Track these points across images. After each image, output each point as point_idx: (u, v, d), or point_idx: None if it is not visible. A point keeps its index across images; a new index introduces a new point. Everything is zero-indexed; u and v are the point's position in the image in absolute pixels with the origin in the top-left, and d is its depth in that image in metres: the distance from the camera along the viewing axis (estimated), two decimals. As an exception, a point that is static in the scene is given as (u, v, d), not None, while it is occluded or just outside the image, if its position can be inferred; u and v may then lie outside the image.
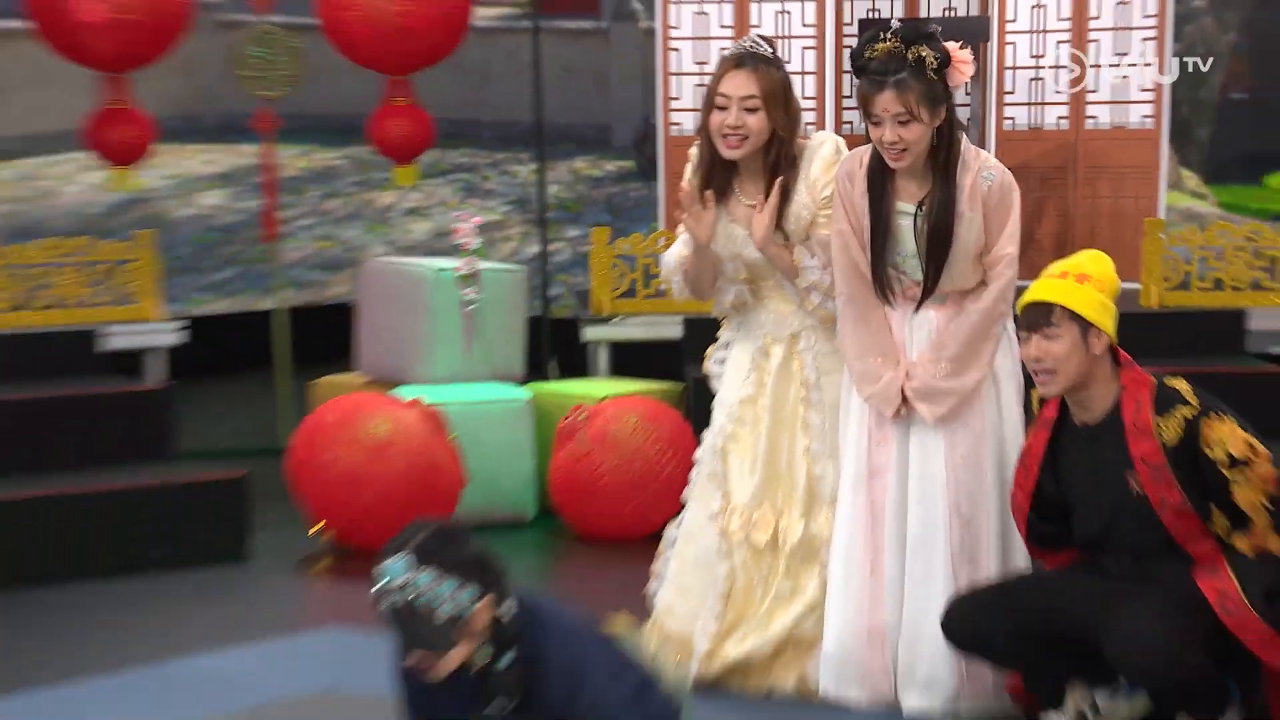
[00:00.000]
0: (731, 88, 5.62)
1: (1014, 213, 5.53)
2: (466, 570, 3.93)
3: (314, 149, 11.96)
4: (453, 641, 3.93)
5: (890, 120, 5.35)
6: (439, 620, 3.90)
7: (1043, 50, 9.20)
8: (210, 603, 6.98)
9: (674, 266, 5.90)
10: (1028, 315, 5.12)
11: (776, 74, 5.66)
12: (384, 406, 7.61)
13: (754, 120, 5.61)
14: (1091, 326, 5.08)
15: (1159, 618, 4.95)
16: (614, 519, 7.65)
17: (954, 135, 5.47)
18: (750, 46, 5.68)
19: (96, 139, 9.02)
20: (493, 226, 11.28)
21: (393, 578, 3.88)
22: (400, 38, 8.82)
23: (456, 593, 3.90)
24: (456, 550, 3.96)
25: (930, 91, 5.35)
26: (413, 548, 3.92)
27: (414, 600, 3.89)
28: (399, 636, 3.96)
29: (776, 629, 5.77)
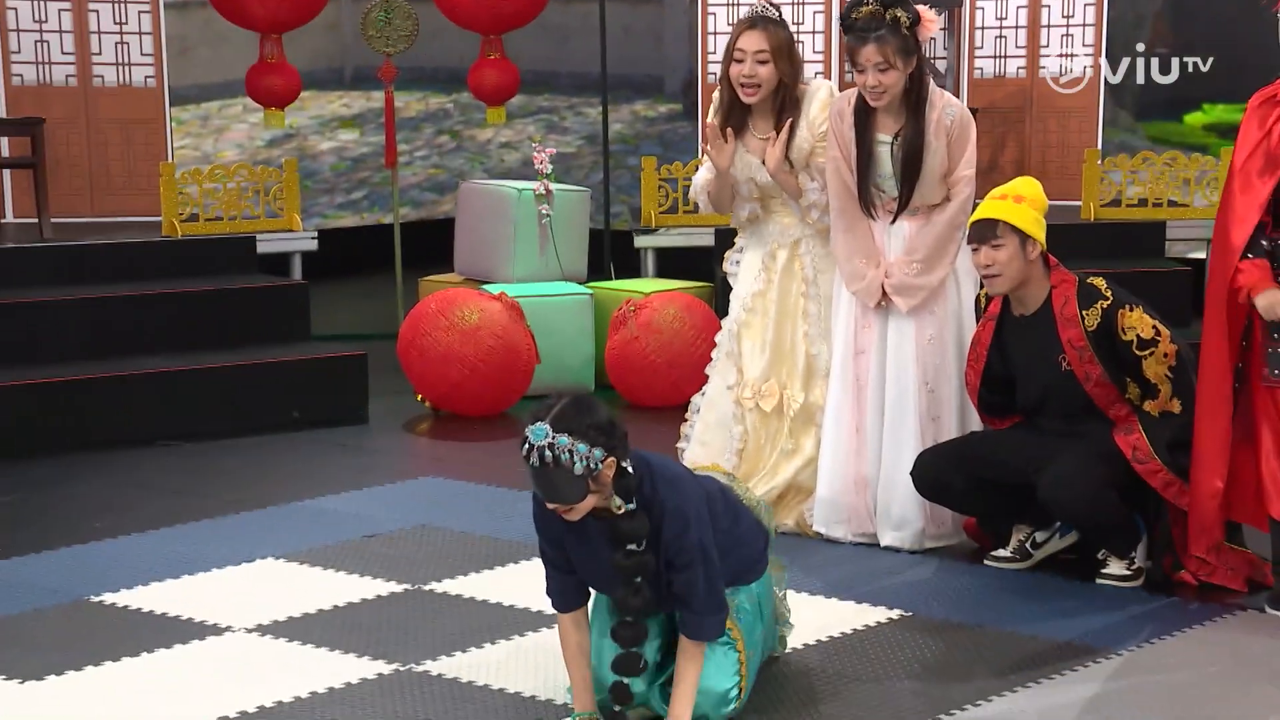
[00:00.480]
0: (747, 44, 5.52)
1: (971, 142, 5.44)
2: (595, 434, 3.76)
3: (428, 95, 11.83)
4: (584, 493, 3.77)
5: (872, 68, 5.28)
6: (573, 475, 3.74)
7: (1005, 13, 9.06)
8: (334, 455, 6.94)
9: (700, 188, 5.83)
10: (976, 230, 5.11)
11: (783, 32, 5.57)
12: (474, 299, 7.51)
13: (765, 70, 5.52)
14: (1028, 237, 5.06)
15: (1082, 465, 4.94)
16: (656, 390, 7.56)
17: (923, 80, 5.39)
18: (761, 10, 5.59)
19: (255, 86, 8.97)
20: (569, 157, 11.16)
21: (537, 439, 3.73)
22: (493, 4, 8.70)
23: (588, 453, 3.74)
24: (588, 417, 3.78)
25: (904, 45, 5.28)
26: (553, 415, 3.76)
27: (553, 459, 3.72)
28: (539, 487, 3.82)
29: (780, 479, 5.70)
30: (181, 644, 4.64)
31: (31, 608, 4.94)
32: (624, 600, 3.86)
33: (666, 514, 3.86)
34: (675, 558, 3.86)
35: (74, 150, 8.81)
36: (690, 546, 3.86)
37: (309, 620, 4.82)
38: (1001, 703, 4.19)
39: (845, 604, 4.92)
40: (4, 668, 4.44)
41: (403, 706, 4.18)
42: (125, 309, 7.52)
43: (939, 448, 5.30)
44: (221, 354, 7.47)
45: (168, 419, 7.14)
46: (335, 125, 11.65)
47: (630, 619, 3.88)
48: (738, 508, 4.20)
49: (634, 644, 3.89)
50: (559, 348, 7.73)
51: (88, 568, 5.33)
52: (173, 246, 8.14)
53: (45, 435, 6.89)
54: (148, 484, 6.44)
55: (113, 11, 8.83)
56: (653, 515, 3.86)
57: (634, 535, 3.82)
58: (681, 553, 3.86)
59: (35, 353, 7.21)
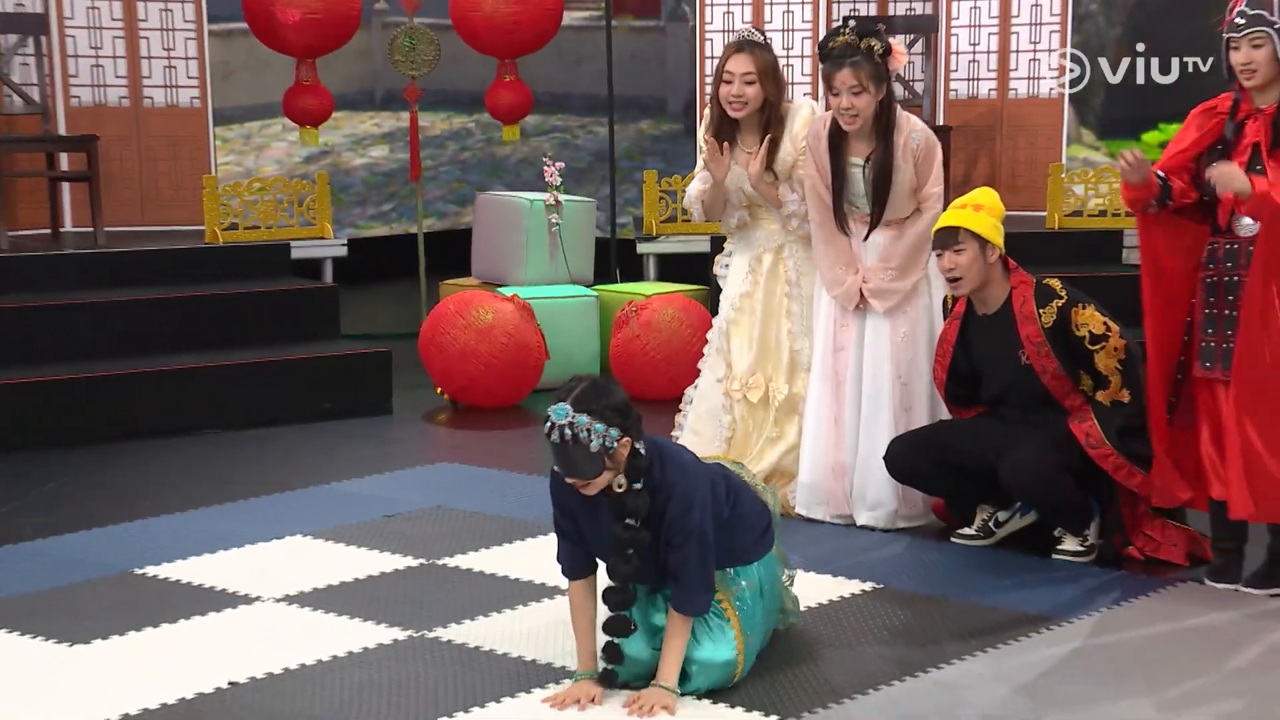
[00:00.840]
0: (735, 66, 5.54)
1: (937, 162, 5.45)
2: (612, 415, 3.78)
3: (452, 115, 11.81)
4: (600, 469, 3.79)
5: (846, 91, 5.29)
6: (590, 452, 3.75)
7: (978, 40, 9.04)
8: (360, 442, 6.96)
9: (694, 197, 5.83)
10: (940, 237, 5.12)
11: (768, 55, 5.58)
12: (489, 300, 7.53)
13: (751, 91, 5.53)
14: (987, 243, 5.07)
15: (1039, 450, 4.96)
16: (655, 385, 7.56)
17: (892, 107, 5.39)
18: (748, 35, 5.60)
19: (291, 106, 8.98)
20: (580, 172, 11.16)
21: (558, 418, 3.75)
22: (509, 31, 8.72)
23: (604, 432, 3.75)
24: (606, 399, 3.80)
25: (876, 71, 5.28)
26: (574, 397, 3.78)
27: (572, 437, 3.74)
28: (558, 463, 3.84)
29: (766, 464, 5.72)
30: (216, 612, 4.67)
31: (82, 579, 4.98)
32: (613, 567, 3.88)
33: (673, 496, 3.87)
34: (674, 537, 3.88)
35: (126, 165, 8.86)
36: (690, 528, 3.87)
37: (332, 591, 4.84)
38: (961, 665, 4.20)
39: (822, 577, 4.94)
40: (54, 633, 4.48)
41: (415, 669, 4.20)
42: (170, 309, 7.56)
43: (909, 435, 5.32)
44: (257, 350, 7.51)
45: (207, 410, 7.17)
46: (367, 143, 11.66)
47: (618, 585, 3.91)
48: (740, 490, 4.19)
49: (622, 608, 3.92)
50: (567, 345, 7.75)
51: (132, 544, 5.37)
52: (214, 253, 8.17)
53: (95, 424, 6.93)
54: (188, 469, 6.47)
55: (161, 38, 8.87)
56: (659, 496, 3.87)
57: (635, 511, 3.84)
58: (681, 533, 3.88)
59: (88, 349, 7.25)
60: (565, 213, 8.10)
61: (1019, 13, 8.89)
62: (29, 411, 6.81)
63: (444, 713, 3.92)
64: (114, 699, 3.99)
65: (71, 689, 4.09)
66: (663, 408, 6.99)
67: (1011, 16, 8.92)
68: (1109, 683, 4.06)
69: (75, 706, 3.95)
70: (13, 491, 6.08)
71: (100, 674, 4.20)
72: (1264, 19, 4.67)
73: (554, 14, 8.84)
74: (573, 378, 3.90)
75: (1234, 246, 4.75)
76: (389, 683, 4.12)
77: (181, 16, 8.89)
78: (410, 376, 7.83)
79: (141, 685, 4.08)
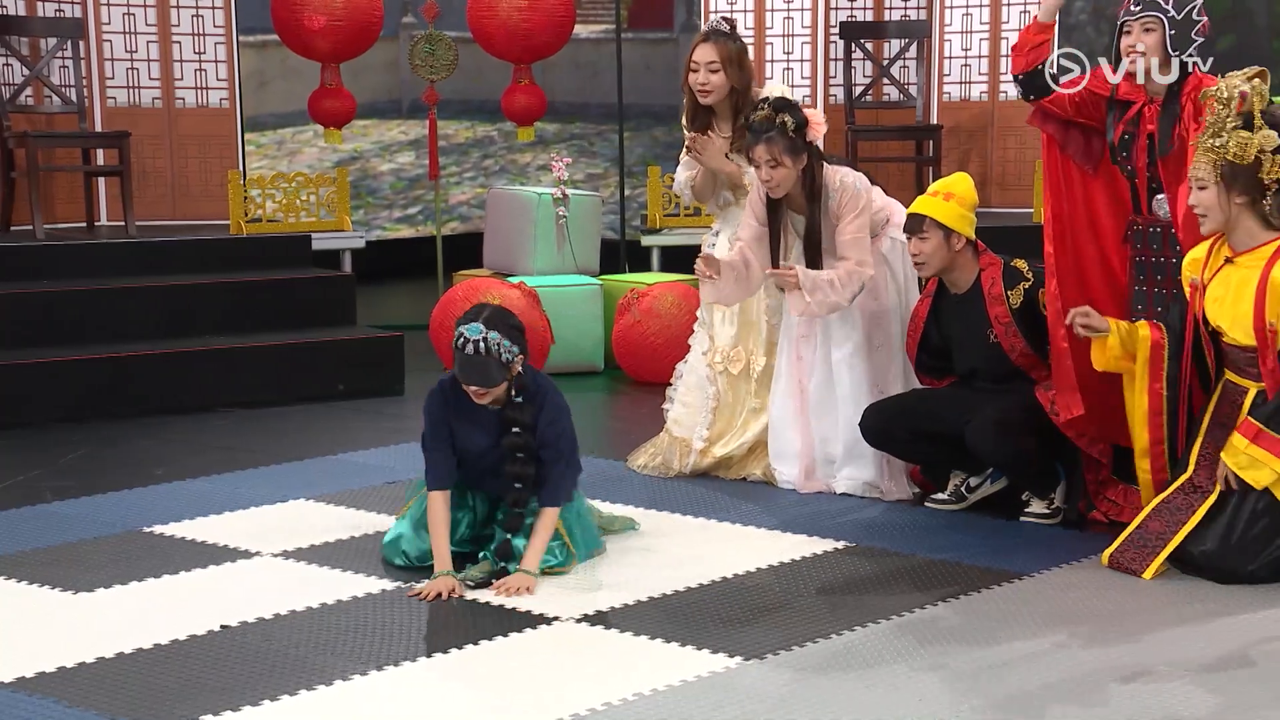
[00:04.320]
0: (700, 56, 5.54)
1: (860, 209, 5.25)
2: (514, 334, 4.29)
3: (475, 124, 11.84)
4: (502, 379, 4.30)
5: (764, 164, 5.20)
6: (499, 363, 4.25)
7: (970, 45, 9.01)
8: (371, 421, 6.95)
9: (684, 183, 5.84)
10: (908, 223, 5.13)
11: (732, 45, 5.55)
12: (496, 287, 7.51)
13: (716, 78, 5.53)
14: (952, 231, 5.01)
15: (1003, 415, 4.91)
16: (655, 368, 7.49)
17: (815, 173, 5.25)
18: (715, 25, 5.57)
19: (316, 108, 8.97)
20: (596, 176, 11.17)
21: (473, 334, 4.23)
22: (523, 36, 8.72)
23: (511, 347, 4.26)
24: (509, 320, 4.33)
25: (792, 145, 5.16)
26: (484, 318, 4.28)
27: (485, 350, 4.23)
28: (468, 374, 4.28)
29: (749, 436, 5.68)
30: (215, 565, 4.66)
31: (90, 536, 4.98)
32: (510, 470, 4.36)
33: (545, 406, 4.39)
34: (547, 438, 4.38)
35: (159, 163, 8.89)
36: (561, 430, 4.40)
37: (328, 548, 4.83)
38: (925, 612, 4.17)
39: (798, 537, 4.91)
40: (60, 582, 4.48)
41: (396, 615, 4.19)
42: (196, 295, 7.56)
43: (884, 403, 5.27)
44: (277, 334, 7.50)
45: (228, 389, 7.16)
46: (394, 149, 11.70)
47: (518, 485, 4.37)
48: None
49: (519, 506, 4.40)
50: (571, 331, 7.73)
51: (140, 506, 5.36)
52: (239, 244, 8.20)
53: (122, 402, 6.94)
54: (204, 442, 6.47)
55: (193, 43, 8.90)
56: (533, 406, 4.36)
57: (520, 421, 4.34)
58: (554, 433, 4.39)
59: (120, 331, 7.26)
60: (572, 206, 8.08)
61: (1009, 19, 8.85)
62: (65, 388, 6.84)
63: (426, 653, 3.91)
64: (111, 639, 3.99)
65: (71, 631, 4.09)
66: (663, 391, 6.94)
67: (1002, 22, 8.89)
68: (1064, 630, 4.02)
69: (74, 646, 3.94)
70: (42, 459, 6.10)
71: (100, 618, 4.20)
72: (1157, 4, 4.64)
73: (566, 20, 8.84)
74: (475, 305, 4.40)
75: (1157, 230, 4.72)
76: (374, 626, 4.10)
77: (212, 22, 8.92)
78: (424, 362, 7.81)
79: (138, 628, 4.08)
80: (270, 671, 3.78)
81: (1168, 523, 4.43)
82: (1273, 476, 4.31)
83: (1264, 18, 9.06)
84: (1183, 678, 3.69)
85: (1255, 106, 4.31)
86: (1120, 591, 4.33)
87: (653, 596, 4.32)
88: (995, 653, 3.87)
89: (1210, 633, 4.00)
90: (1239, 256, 4.40)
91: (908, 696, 3.58)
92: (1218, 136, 4.32)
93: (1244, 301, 4.35)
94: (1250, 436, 4.31)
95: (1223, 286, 4.42)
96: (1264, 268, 4.32)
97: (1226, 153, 4.30)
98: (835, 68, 9.04)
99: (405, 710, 3.59)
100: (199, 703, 3.58)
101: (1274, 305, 4.29)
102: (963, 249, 5.03)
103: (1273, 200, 4.32)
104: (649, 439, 5.97)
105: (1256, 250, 4.36)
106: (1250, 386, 4.43)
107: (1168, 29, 4.61)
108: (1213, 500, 4.40)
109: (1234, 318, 4.38)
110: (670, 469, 5.74)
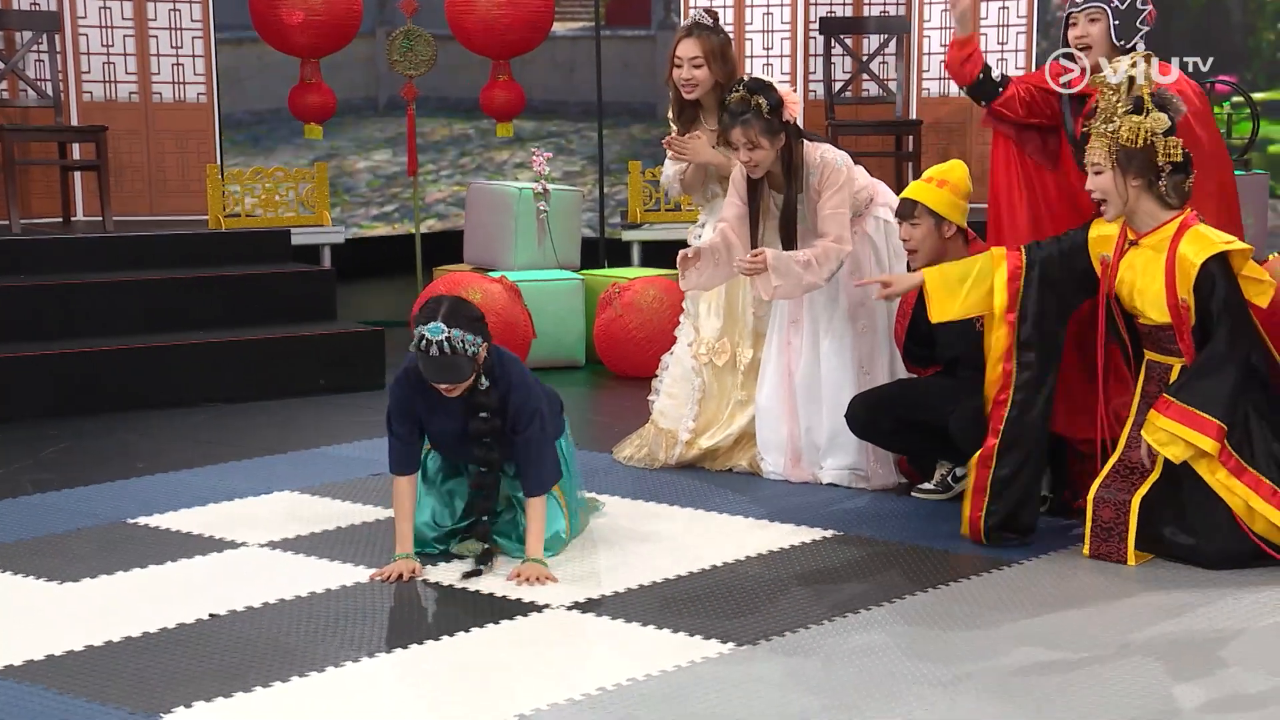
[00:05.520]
0: (683, 51, 5.55)
1: (840, 185, 5.27)
2: (474, 326, 4.22)
3: (452, 121, 11.84)
4: (471, 373, 4.23)
5: (743, 146, 5.20)
6: (466, 359, 4.18)
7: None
8: (353, 414, 6.91)
9: (673, 176, 5.83)
10: (901, 207, 5.14)
11: (715, 38, 5.55)
12: (478, 281, 7.51)
13: (700, 73, 5.54)
14: (944, 219, 5.03)
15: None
16: (637, 362, 7.53)
17: (793, 152, 5.25)
18: (698, 19, 5.57)
19: (296, 104, 8.95)
20: (574, 174, 11.17)
21: (435, 335, 4.14)
22: (500, 32, 8.71)
23: (474, 340, 4.19)
24: (467, 313, 4.24)
25: (768, 126, 5.17)
26: (443, 315, 4.18)
27: (450, 349, 4.15)
28: (433, 374, 4.22)
29: (735, 427, 5.69)
30: (201, 555, 4.65)
31: (74, 528, 4.96)
32: (478, 455, 4.32)
33: (514, 387, 4.33)
34: (520, 422, 4.32)
35: (135, 158, 8.84)
36: (533, 410, 4.33)
37: (315, 538, 4.82)
38: (915, 599, 4.18)
39: (785, 526, 4.92)
40: (46, 573, 4.46)
41: (384, 601, 4.20)
42: (175, 290, 7.51)
43: (870, 393, 5.28)
44: (258, 329, 7.46)
45: (209, 384, 7.13)
46: (370, 147, 11.68)
47: (485, 470, 4.36)
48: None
49: (484, 488, 4.40)
50: (553, 325, 7.72)
51: (125, 497, 5.34)
52: (218, 238, 8.15)
53: (102, 396, 6.90)
54: (187, 436, 6.45)
55: (170, 38, 8.86)
56: (501, 387, 4.30)
57: (486, 406, 4.28)
58: (526, 416, 4.32)
59: (98, 326, 7.22)
60: (553, 201, 8.07)
61: (987, 15, 8.88)
62: (43, 383, 6.81)
63: (417, 639, 3.90)
64: (100, 628, 3.98)
65: (59, 620, 4.07)
66: (644, 385, 6.95)
67: (980, 18, 8.91)
68: (1054, 616, 4.05)
69: (63, 635, 3.92)
70: (21, 453, 6.06)
71: (87, 607, 4.18)
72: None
73: (544, 17, 8.84)
74: (429, 300, 4.27)
75: None
76: (364, 613, 4.10)
77: (189, 16, 8.88)
78: (403, 358, 7.77)
79: (126, 616, 4.07)
80: (261, 658, 3.77)
81: (1116, 508, 4.48)
82: (1188, 450, 4.36)
83: (1239, 15, 9.12)
84: (1171, 662, 3.71)
85: (1143, 91, 4.42)
86: (1106, 578, 4.36)
87: (643, 584, 4.33)
88: (987, 638, 3.88)
89: (1194, 617, 4.03)
90: (1143, 238, 4.50)
91: (903, 681, 3.59)
92: (1109, 122, 4.44)
93: (1155, 282, 4.45)
94: (1162, 410, 4.39)
95: (1130, 270, 4.52)
96: (1169, 247, 4.42)
97: (1119, 137, 4.41)
98: (815, 63, 9.07)
99: (398, 696, 3.59)
100: (191, 689, 3.57)
101: (1184, 282, 4.39)
102: (953, 236, 5.05)
103: (1168, 181, 4.44)
104: (633, 432, 5.97)
105: (1159, 230, 4.47)
106: (1174, 363, 4.51)
107: (1111, 19, 4.77)
108: (1156, 476, 4.44)
109: (1148, 299, 4.47)
110: (656, 460, 5.74)
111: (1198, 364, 4.39)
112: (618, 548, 4.69)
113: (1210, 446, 4.32)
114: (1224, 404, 4.33)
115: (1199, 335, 4.43)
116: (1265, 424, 4.44)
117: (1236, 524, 4.36)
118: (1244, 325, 4.43)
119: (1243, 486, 4.36)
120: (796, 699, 3.50)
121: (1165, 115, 4.41)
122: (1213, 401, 4.33)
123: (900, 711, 3.43)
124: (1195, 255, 4.38)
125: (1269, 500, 4.35)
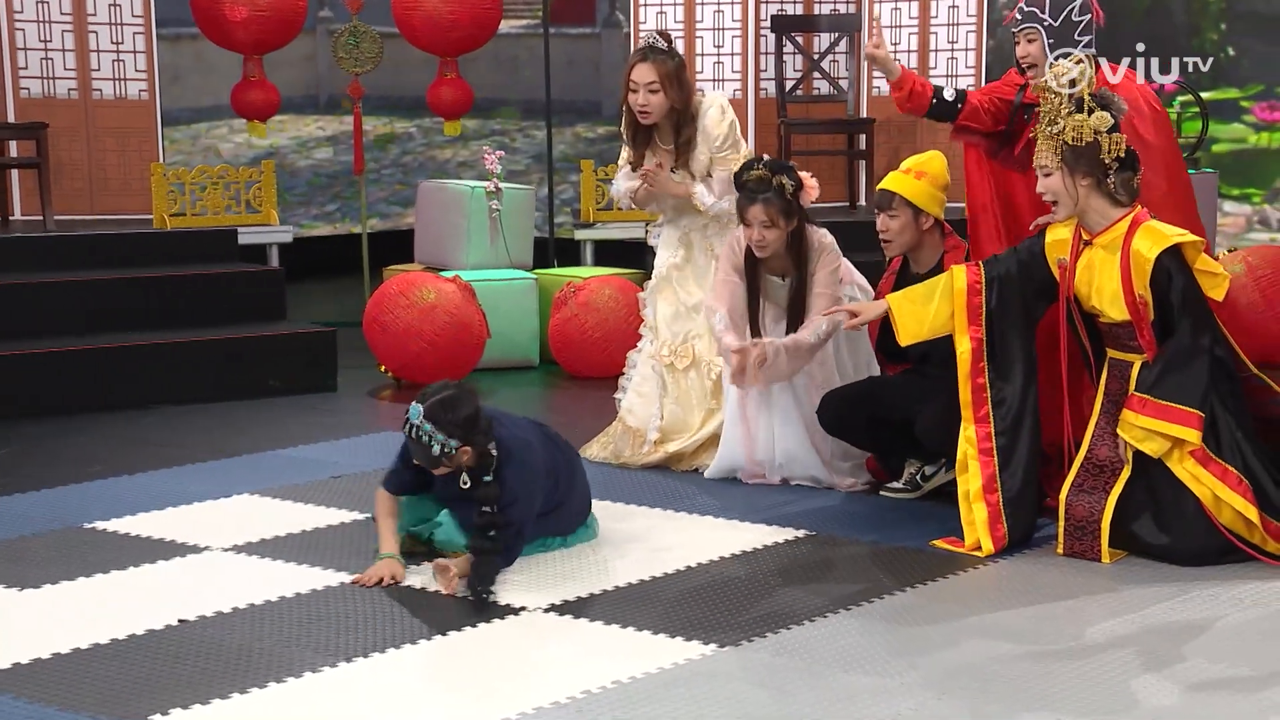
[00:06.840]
0: (639, 76, 5.50)
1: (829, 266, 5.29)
2: (454, 429, 4.20)
3: (394, 120, 11.78)
4: (439, 465, 4.27)
5: (758, 224, 5.20)
6: (433, 453, 4.22)
7: (899, 39, 9.07)
8: (307, 416, 6.85)
9: (624, 192, 5.76)
10: (879, 197, 5.13)
11: (670, 62, 5.51)
12: (431, 281, 7.44)
13: (655, 99, 5.49)
14: (921, 210, 5.03)
15: (953, 404, 4.79)
16: (593, 362, 7.51)
17: (804, 236, 5.27)
18: (651, 42, 5.54)
19: (239, 101, 8.83)
20: (518, 174, 11.11)
21: (412, 418, 4.22)
22: (447, 29, 8.65)
23: (444, 441, 4.19)
24: (453, 414, 4.21)
25: (787, 207, 5.19)
26: (428, 405, 4.22)
27: (420, 438, 4.21)
28: (412, 451, 4.32)
29: (704, 432, 5.67)
30: (165, 560, 4.58)
31: (30, 532, 4.87)
32: (474, 545, 4.24)
33: (516, 501, 4.29)
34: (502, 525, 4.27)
35: (75, 156, 8.70)
36: (518, 523, 4.30)
37: (279, 541, 4.76)
38: (894, 598, 4.19)
39: (759, 526, 4.91)
40: (5, 579, 4.37)
41: (358, 607, 4.15)
42: (120, 290, 7.41)
43: (841, 390, 5.28)
44: (206, 330, 7.36)
45: (156, 386, 7.02)
46: (311, 145, 11.58)
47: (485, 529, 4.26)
48: (577, 478, 4.66)
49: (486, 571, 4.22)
50: (507, 325, 7.67)
51: (80, 502, 5.25)
52: (163, 238, 8.04)
53: (47, 399, 6.79)
54: (138, 439, 6.35)
55: (110, 33, 8.73)
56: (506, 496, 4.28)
57: (487, 499, 4.25)
58: (509, 529, 4.28)
59: (39, 327, 7.10)
60: (505, 199, 8.02)
61: (937, 13, 8.93)
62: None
63: (395, 644, 3.86)
64: (68, 635, 3.91)
65: (25, 628, 4.00)
66: (600, 385, 6.96)
67: (931, 17, 8.96)
68: (1032, 612, 4.07)
69: (30, 643, 3.85)
70: (-37, 459, 5.96)
71: (52, 614, 4.11)
72: (1036, 15, 5.04)
73: (492, 13, 8.79)
74: (441, 384, 4.33)
75: None
76: (339, 618, 4.05)
77: (130, 12, 8.75)
78: (354, 359, 7.71)
79: (94, 623, 4.00)
80: (235, 665, 3.71)
81: (1088, 506, 4.50)
82: (1166, 444, 4.40)
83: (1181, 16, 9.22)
84: (1148, 656, 3.74)
85: (1084, 91, 4.49)
86: (1082, 575, 4.38)
87: (619, 586, 4.31)
88: (967, 635, 3.89)
89: (1169, 610, 4.06)
90: (1096, 238, 4.54)
91: (887, 678, 3.59)
92: (1054, 123, 4.49)
93: (1112, 280, 4.49)
94: (1138, 408, 4.43)
95: (1087, 270, 4.56)
96: (1123, 244, 4.47)
97: (1065, 137, 4.46)
98: (766, 61, 9.07)
99: (377, 702, 3.54)
100: (165, 697, 3.51)
101: (1139, 278, 4.44)
102: (931, 229, 5.07)
103: (1116, 178, 4.49)
104: (596, 433, 5.95)
105: (1111, 229, 4.52)
106: (1134, 359, 4.55)
107: (1045, 37, 4.92)
108: (1128, 474, 4.47)
109: (1105, 297, 4.52)
110: (621, 457, 5.72)
111: (1167, 359, 4.43)
112: (591, 548, 4.66)
113: (1193, 437, 4.36)
114: (1199, 395, 4.38)
115: (1159, 329, 4.47)
116: (1229, 414, 4.48)
117: (1206, 517, 4.39)
118: (1205, 316, 4.49)
119: (1209, 476, 4.40)
120: (781, 700, 3.48)
121: (1108, 114, 4.47)
122: (1188, 394, 4.37)
123: (885, 710, 3.42)
124: (1149, 250, 4.43)
125: (1235, 489, 4.39)
